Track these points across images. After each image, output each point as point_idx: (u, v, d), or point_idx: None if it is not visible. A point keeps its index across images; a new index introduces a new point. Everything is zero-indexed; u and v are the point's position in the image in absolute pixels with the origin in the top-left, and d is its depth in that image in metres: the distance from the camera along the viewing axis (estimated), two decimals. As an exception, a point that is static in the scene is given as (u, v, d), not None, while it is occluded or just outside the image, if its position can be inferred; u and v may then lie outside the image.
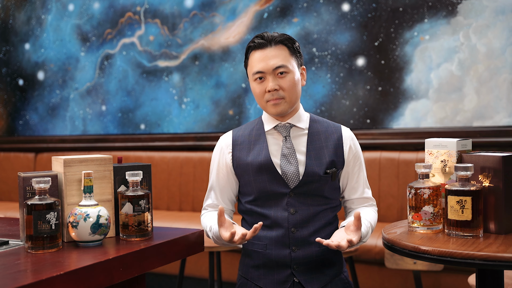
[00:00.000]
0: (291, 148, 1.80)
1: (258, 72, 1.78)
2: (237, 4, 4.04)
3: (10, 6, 5.00)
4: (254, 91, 1.82)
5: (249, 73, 1.83)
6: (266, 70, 1.77)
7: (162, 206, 4.15)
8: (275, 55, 1.77)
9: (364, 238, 1.77)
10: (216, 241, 1.81)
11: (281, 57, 1.78)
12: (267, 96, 1.78)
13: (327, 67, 3.75)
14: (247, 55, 1.84)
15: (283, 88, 1.77)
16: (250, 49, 1.83)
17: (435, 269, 2.65)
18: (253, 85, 1.82)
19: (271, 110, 1.80)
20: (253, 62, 1.80)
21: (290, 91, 1.78)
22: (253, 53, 1.81)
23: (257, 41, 1.80)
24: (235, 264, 3.28)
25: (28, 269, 1.28)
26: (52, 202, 1.44)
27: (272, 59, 1.77)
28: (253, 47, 1.81)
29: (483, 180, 1.60)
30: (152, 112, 4.38)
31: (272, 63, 1.77)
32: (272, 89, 1.76)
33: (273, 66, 1.76)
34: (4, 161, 4.90)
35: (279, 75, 1.77)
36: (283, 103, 1.79)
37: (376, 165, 3.47)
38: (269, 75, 1.77)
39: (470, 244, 1.45)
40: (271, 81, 1.76)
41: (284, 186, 1.77)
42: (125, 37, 4.46)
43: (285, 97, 1.78)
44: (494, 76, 3.32)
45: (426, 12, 3.47)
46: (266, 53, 1.78)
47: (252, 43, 1.81)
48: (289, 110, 1.82)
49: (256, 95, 1.82)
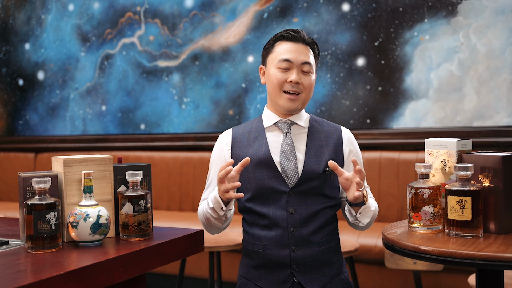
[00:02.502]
0: (291, 145, 1.81)
1: (286, 60, 1.80)
2: (237, 4, 4.04)
3: (10, 6, 5.00)
4: (272, 78, 1.82)
5: (272, 60, 1.84)
6: (295, 61, 1.80)
7: (162, 206, 4.15)
8: (304, 52, 1.82)
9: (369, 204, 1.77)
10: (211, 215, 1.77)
11: (310, 57, 1.83)
12: (287, 87, 1.80)
13: (327, 67, 3.75)
14: (274, 43, 1.86)
15: (303, 85, 1.81)
16: (280, 38, 1.85)
17: (435, 269, 2.66)
18: (274, 72, 1.82)
19: (285, 103, 1.81)
20: (281, 50, 1.82)
21: (308, 90, 1.82)
22: (282, 42, 1.83)
23: (292, 33, 1.83)
24: (235, 264, 3.29)
25: (28, 269, 1.28)
26: (52, 202, 1.44)
27: (303, 54, 1.81)
28: (285, 37, 1.83)
29: (483, 180, 1.60)
30: (152, 112, 4.38)
31: (302, 57, 1.80)
32: (295, 81, 1.79)
33: (302, 60, 1.80)
34: (4, 161, 4.90)
35: (303, 72, 1.81)
36: (299, 100, 1.81)
37: (376, 165, 3.47)
38: (295, 67, 1.80)
39: (470, 244, 1.45)
40: (295, 73, 1.79)
41: (283, 184, 1.78)
42: (125, 37, 4.46)
43: (302, 92, 1.81)
44: (494, 76, 3.32)
45: (426, 12, 3.47)
46: (297, 47, 1.82)
47: (286, 33, 1.84)
48: (299, 108, 1.84)
49: (273, 83, 1.82)
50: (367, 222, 1.79)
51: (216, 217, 1.78)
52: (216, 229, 1.85)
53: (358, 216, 1.77)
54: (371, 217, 1.80)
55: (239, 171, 1.69)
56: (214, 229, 1.86)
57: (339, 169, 1.70)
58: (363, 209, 1.76)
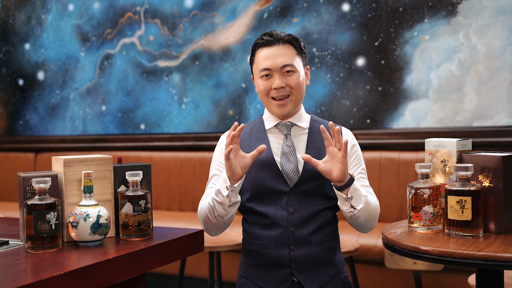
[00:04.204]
0: (291, 146, 1.81)
1: (265, 69, 1.80)
2: (237, 4, 4.04)
3: (10, 6, 5.00)
4: (258, 88, 1.83)
5: (255, 70, 1.85)
6: (273, 67, 1.79)
7: (162, 206, 4.15)
8: (282, 54, 1.79)
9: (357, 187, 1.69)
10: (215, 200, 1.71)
11: (288, 56, 1.80)
12: (273, 93, 1.80)
13: (327, 67, 3.75)
14: (254, 52, 1.86)
15: (290, 86, 1.79)
16: (257, 46, 1.84)
17: (435, 269, 2.65)
18: (259, 82, 1.82)
19: (276, 110, 1.81)
20: (260, 59, 1.82)
21: (296, 90, 1.80)
22: (260, 50, 1.83)
23: (265, 39, 1.81)
24: (235, 264, 3.29)
25: (28, 269, 1.28)
26: (52, 202, 1.44)
27: (280, 57, 1.79)
28: (260, 44, 1.83)
29: (483, 180, 1.60)
30: (152, 112, 4.38)
31: (279, 61, 1.78)
32: (278, 87, 1.78)
33: (280, 64, 1.78)
34: (4, 161, 4.90)
35: (285, 73, 1.79)
36: (289, 103, 1.80)
37: (376, 165, 3.47)
38: (276, 73, 1.79)
39: (470, 244, 1.45)
40: (277, 78, 1.78)
41: (284, 184, 1.78)
42: (125, 37, 4.46)
43: (291, 94, 1.79)
44: (494, 76, 3.32)
45: (426, 12, 3.47)
46: (273, 51, 1.80)
47: (260, 40, 1.83)
48: (294, 110, 1.83)
49: (261, 92, 1.83)
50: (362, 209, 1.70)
51: (220, 201, 1.70)
52: (219, 222, 1.76)
53: (352, 202, 1.68)
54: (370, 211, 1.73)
55: (254, 157, 1.68)
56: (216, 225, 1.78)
57: (312, 160, 1.67)
58: (353, 190, 1.67)
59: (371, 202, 1.77)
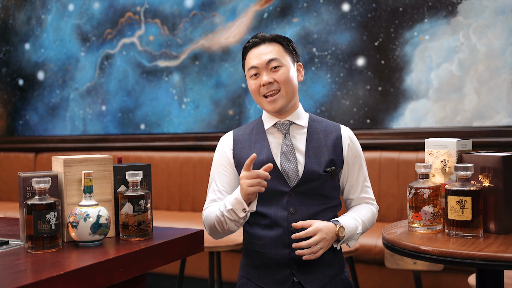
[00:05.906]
0: (290, 146, 1.81)
1: (252, 67, 1.82)
2: (237, 4, 4.04)
3: (10, 6, 5.00)
4: (250, 88, 1.86)
5: (246, 72, 1.88)
6: (259, 65, 1.81)
7: (162, 206, 4.15)
8: (268, 51, 1.82)
9: (352, 231, 1.77)
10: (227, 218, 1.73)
11: (274, 52, 1.82)
12: (262, 90, 1.81)
13: (327, 67, 3.75)
14: (244, 56, 1.90)
15: (277, 81, 1.80)
16: (246, 50, 1.89)
17: (435, 269, 2.66)
18: (249, 82, 1.86)
19: (268, 107, 1.82)
20: (248, 60, 1.86)
21: (285, 84, 1.80)
22: (248, 52, 1.87)
23: (251, 41, 1.86)
24: (235, 264, 3.29)
25: (28, 269, 1.28)
26: (52, 202, 1.44)
27: (265, 54, 1.82)
28: (248, 47, 1.87)
29: (483, 180, 1.60)
30: (152, 112, 4.38)
31: (265, 57, 1.81)
32: (266, 82, 1.79)
33: (266, 60, 1.80)
34: (4, 161, 4.90)
35: (272, 69, 1.81)
36: (280, 98, 1.80)
37: (376, 165, 3.47)
38: (263, 70, 1.81)
39: (470, 244, 1.45)
40: (265, 75, 1.80)
41: (284, 184, 1.78)
42: (125, 37, 4.46)
43: (280, 89, 1.80)
44: (494, 76, 3.32)
45: (426, 12, 3.47)
46: (260, 50, 1.83)
47: (247, 43, 1.88)
48: (287, 106, 1.83)
49: (253, 91, 1.85)
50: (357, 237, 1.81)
51: (233, 219, 1.73)
52: (228, 232, 1.79)
53: (350, 243, 1.80)
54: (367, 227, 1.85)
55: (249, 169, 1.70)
56: (224, 233, 1.80)
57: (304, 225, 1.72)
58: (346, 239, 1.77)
59: (367, 222, 1.84)
